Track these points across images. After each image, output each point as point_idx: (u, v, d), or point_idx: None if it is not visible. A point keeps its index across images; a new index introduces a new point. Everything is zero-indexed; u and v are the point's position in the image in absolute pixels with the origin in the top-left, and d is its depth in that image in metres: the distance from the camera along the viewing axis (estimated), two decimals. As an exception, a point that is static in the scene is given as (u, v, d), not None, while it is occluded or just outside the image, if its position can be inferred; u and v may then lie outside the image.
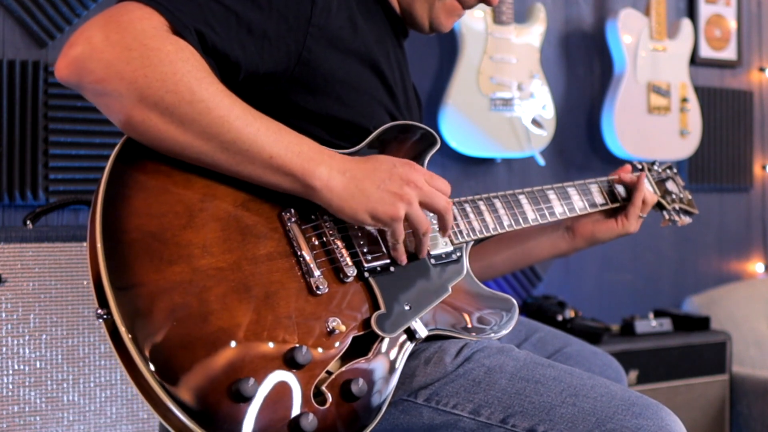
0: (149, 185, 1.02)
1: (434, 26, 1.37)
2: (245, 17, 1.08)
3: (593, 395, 1.12)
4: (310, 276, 1.07)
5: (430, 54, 2.77)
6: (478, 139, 2.67)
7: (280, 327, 1.01)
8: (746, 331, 2.98)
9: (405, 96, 1.36)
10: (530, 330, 1.51)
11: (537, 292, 2.92)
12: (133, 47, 0.97)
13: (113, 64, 0.97)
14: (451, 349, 1.17)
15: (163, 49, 0.98)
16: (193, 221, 1.02)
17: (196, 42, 1.03)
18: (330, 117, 1.19)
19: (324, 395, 1.02)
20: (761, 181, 3.43)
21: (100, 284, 0.94)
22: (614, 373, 1.49)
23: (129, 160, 1.03)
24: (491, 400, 1.13)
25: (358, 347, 1.08)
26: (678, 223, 1.65)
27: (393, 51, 1.33)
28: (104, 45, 0.97)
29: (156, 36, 0.99)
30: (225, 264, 1.01)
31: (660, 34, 2.98)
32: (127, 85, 0.97)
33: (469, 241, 1.29)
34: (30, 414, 1.71)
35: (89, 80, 0.98)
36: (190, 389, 0.92)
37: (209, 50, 1.05)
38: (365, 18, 1.26)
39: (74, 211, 2.28)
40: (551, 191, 1.45)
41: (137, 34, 0.98)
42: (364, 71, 1.23)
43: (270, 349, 0.99)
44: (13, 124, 2.18)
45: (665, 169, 1.67)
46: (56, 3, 2.23)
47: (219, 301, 0.98)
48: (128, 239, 0.97)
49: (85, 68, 0.98)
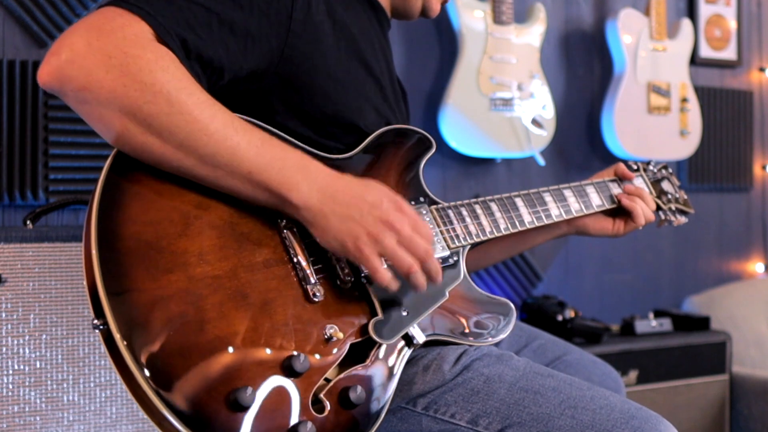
0: (145, 192, 1.01)
1: (425, 10, 1.38)
2: (227, 17, 1.07)
3: (592, 407, 1.11)
4: (306, 283, 1.06)
5: (430, 54, 2.76)
6: (478, 139, 2.67)
7: (277, 335, 1.01)
8: (746, 331, 2.98)
9: (392, 89, 1.35)
10: (530, 337, 1.51)
11: (537, 292, 2.92)
12: (114, 55, 0.96)
13: (93, 72, 0.96)
14: (449, 356, 1.16)
15: (144, 57, 0.97)
16: (189, 229, 1.01)
17: (179, 48, 1.02)
18: (316, 114, 1.18)
19: (322, 403, 1.02)
20: (761, 181, 3.43)
21: (96, 293, 0.93)
22: (613, 383, 1.48)
23: (124, 166, 1.02)
24: (489, 409, 1.12)
25: (356, 354, 1.08)
26: (674, 223, 1.65)
27: (378, 42, 1.32)
28: (86, 52, 0.96)
29: (137, 44, 0.98)
30: (221, 272, 1.00)
31: (660, 34, 2.98)
32: (107, 93, 0.96)
33: (466, 245, 1.28)
34: (30, 414, 1.71)
35: (70, 87, 0.97)
36: (187, 398, 0.91)
37: (192, 56, 1.04)
38: (348, 10, 1.25)
39: (74, 211, 2.28)
40: (547, 194, 1.45)
41: (118, 41, 0.97)
42: (350, 65, 1.22)
43: (267, 357, 0.99)
44: (13, 124, 2.18)
45: (660, 169, 1.67)
46: (56, 3, 2.23)
47: (215, 310, 0.98)
48: (124, 247, 0.96)
49: (66, 75, 0.96)
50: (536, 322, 2.45)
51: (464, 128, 2.65)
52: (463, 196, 2.80)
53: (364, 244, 1.04)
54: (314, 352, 1.03)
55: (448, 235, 1.26)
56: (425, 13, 1.39)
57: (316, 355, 1.03)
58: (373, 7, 1.33)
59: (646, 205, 1.54)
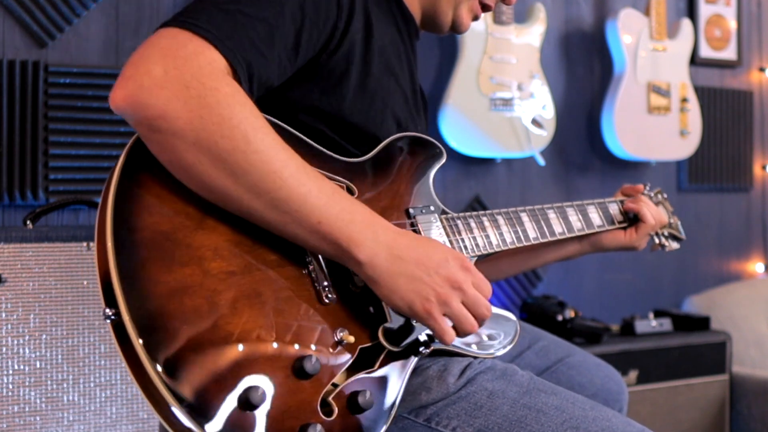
0: (162, 185, 0.99)
1: (455, 26, 1.36)
2: (286, 32, 1.06)
3: (594, 429, 1.10)
4: (319, 284, 1.06)
5: (430, 54, 2.77)
6: (478, 139, 2.67)
7: (289, 334, 1.00)
8: (746, 331, 2.98)
9: (414, 99, 1.34)
10: (534, 338, 1.51)
11: (537, 292, 2.92)
12: (192, 85, 0.94)
13: (171, 101, 0.93)
14: (454, 368, 1.16)
15: (222, 91, 0.95)
16: (205, 223, 1.00)
17: (245, 75, 1.01)
18: (339, 118, 1.17)
19: (330, 406, 1.01)
20: (761, 181, 3.43)
21: (109, 283, 0.92)
22: (616, 386, 1.48)
23: (141, 157, 1.00)
24: (491, 425, 1.11)
25: (364, 359, 1.07)
26: (667, 248, 1.67)
27: (405, 53, 1.32)
28: (163, 80, 0.93)
29: (213, 76, 0.96)
30: (236, 268, 0.99)
31: (660, 34, 2.98)
32: (184, 124, 0.94)
33: (473, 257, 1.28)
34: (30, 414, 1.71)
35: (145, 115, 0.94)
36: (197, 393, 0.91)
37: (254, 79, 1.03)
38: (382, 20, 1.25)
39: (74, 211, 2.28)
40: (551, 210, 1.45)
41: (195, 71, 0.94)
42: (380, 75, 1.22)
43: (279, 356, 0.98)
44: (13, 124, 2.18)
45: (656, 194, 1.69)
46: (56, 3, 2.23)
47: (229, 306, 0.97)
48: (140, 237, 0.94)
49: (142, 103, 0.94)
50: (536, 322, 2.44)
51: (464, 128, 2.65)
52: (463, 196, 2.81)
53: (432, 306, 1.04)
54: (325, 354, 1.02)
55: (457, 246, 1.26)
56: (455, 28, 1.37)
57: (326, 358, 1.02)
58: (405, 18, 1.33)
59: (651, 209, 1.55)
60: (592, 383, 1.44)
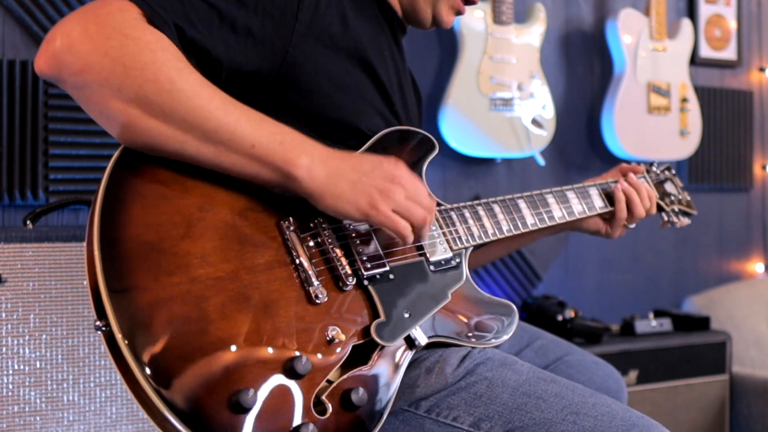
0: (147, 194, 1.01)
1: (437, 22, 1.37)
2: (229, 15, 1.07)
3: (594, 414, 1.11)
4: (308, 285, 1.06)
5: (430, 54, 2.77)
6: (478, 139, 2.67)
7: (279, 336, 1.01)
8: (746, 331, 2.98)
9: (401, 94, 1.34)
10: (532, 337, 1.51)
11: (537, 292, 2.92)
12: (113, 37, 0.96)
13: (91, 55, 0.96)
14: (452, 359, 1.16)
15: (144, 39, 0.97)
16: (191, 231, 1.01)
17: (175, 36, 1.02)
18: (318, 116, 1.18)
19: (324, 405, 1.01)
20: (761, 181, 3.43)
21: (98, 294, 0.93)
22: (615, 384, 1.48)
23: (127, 168, 1.02)
24: (492, 414, 1.12)
25: (358, 356, 1.08)
26: (677, 224, 1.65)
27: (388, 49, 1.32)
28: (82, 37, 0.96)
29: (136, 27, 0.98)
30: (223, 273, 1.00)
31: (660, 34, 2.98)
32: (106, 75, 0.96)
33: (468, 247, 1.28)
34: (30, 414, 1.71)
35: (68, 73, 0.97)
36: (189, 399, 0.91)
37: (188, 45, 1.04)
38: (357, 15, 1.24)
39: (74, 211, 2.28)
40: (550, 195, 1.45)
41: (117, 24, 0.97)
42: (353, 69, 1.22)
43: (269, 358, 0.99)
44: (13, 124, 2.18)
45: (663, 171, 1.68)
46: (56, 3, 2.23)
47: (218, 311, 0.98)
48: (126, 249, 0.96)
49: (63, 61, 0.96)
50: (536, 322, 2.45)
51: (464, 128, 2.65)
52: (463, 196, 2.80)
53: (378, 202, 1.07)
54: (316, 353, 1.03)
55: (451, 237, 1.26)
56: (437, 24, 1.38)
57: (318, 357, 1.03)
58: (385, 12, 1.33)
59: (639, 199, 1.54)
60: (591, 381, 1.44)
